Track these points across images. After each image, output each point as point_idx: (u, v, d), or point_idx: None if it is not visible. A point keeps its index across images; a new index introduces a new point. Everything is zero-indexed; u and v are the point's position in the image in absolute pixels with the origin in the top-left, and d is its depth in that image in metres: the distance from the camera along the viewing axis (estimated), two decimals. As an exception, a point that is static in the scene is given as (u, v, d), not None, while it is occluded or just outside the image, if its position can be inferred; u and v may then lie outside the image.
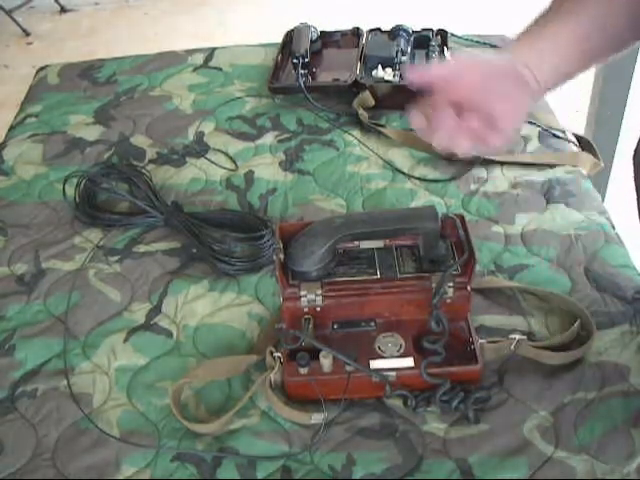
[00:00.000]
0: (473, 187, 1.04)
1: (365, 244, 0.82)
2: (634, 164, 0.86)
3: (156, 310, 0.89)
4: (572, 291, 0.87)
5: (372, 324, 0.80)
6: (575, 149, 1.12)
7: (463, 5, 2.98)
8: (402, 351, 0.77)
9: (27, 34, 3.10)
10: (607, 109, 1.68)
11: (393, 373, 0.75)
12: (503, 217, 0.98)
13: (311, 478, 0.71)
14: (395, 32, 1.26)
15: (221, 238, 0.94)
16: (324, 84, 1.23)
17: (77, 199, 1.03)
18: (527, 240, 0.94)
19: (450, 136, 0.72)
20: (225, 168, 1.11)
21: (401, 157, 1.11)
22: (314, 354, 0.74)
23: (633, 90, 1.59)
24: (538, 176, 1.05)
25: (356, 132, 1.16)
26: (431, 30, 1.30)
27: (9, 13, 3.06)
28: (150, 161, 1.14)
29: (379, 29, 1.31)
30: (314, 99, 1.20)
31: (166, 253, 0.96)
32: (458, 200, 1.02)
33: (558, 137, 1.13)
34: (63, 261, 0.96)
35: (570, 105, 1.82)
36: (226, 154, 1.14)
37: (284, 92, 1.25)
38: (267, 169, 1.10)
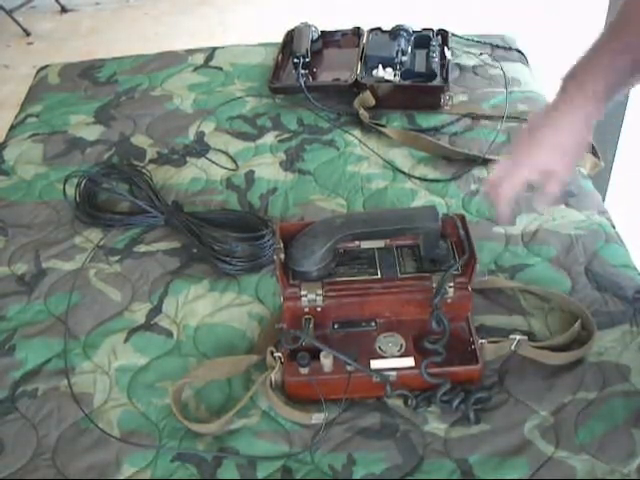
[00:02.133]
0: (473, 187, 1.04)
1: (366, 244, 0.82)
2: None
3: (156, 310, 0.89)
4: (572, 291, 0.87)
5: (373, 324, 0.80)
6: (575, 149, 1.12)
7: (463, 5, 2.98)
8: (402, 351, 0.77)
9: (28, 34, 3.09)
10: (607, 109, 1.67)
11: (394, 373, 0.75)
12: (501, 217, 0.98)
13: (311, 478, 0.71)
14: (396, 32, 1.26)
15: (221, 238, 0.94)
16: (325, 84, 1.24)
17: (77, 199, 1.03)
18: (527, 240, 0.94)
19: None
20: (226, 168, 1.11)
21: (401, 157, 1.11)
22: (315, 354, 0.74)
23: (634, 90, 1.58)
24: (539, 176, 1.05)
25: (357, 132, 1.16)
26: (431, 30, 1.30)
27: (10, 13, 3.06)
28: (150, 161, 1.14)
29: (379, 29, 1.31)
30: (315, 99, 1.20)
31: (166, 253, 0.96)
32: (459, 200, 1.02)
33: (558, 137, 1.13)
34: (63, 261, 0.96)
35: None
36: (227, 154, 1.14)
37: (285, 92, 1.25)
38: (268, 169, 1.10)
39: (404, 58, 1.22)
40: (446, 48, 1.26)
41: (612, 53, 0.75)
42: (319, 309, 0.78)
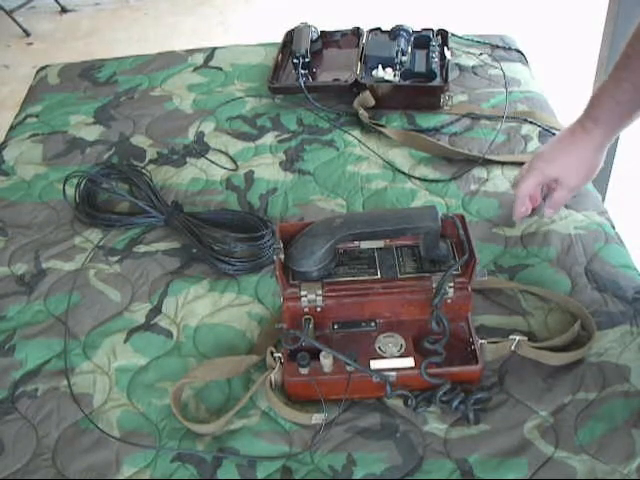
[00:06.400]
0: (473, 187, 1.04)
1: (365, 244, 0.82)
2: None
3: (156, 310, 0.89)
4: (572, 291, 0.87)
5: (372, 324, 0.80)
6: (575, 149, 1.12)
7: (463, 5, 2.98)
8: (402, 351, 0.77)
9: (28, 34, 3.10)
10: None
11: (393, 373, 0.75)
12: (503, 219, 0.98)
13: (311, 478, 0.71)
14: (395, 32, 1.27)
15: (221, 238, 0.94)
16: (324, 84, 1.23)
17: (77, 199, 1.03)
18: (527, 241, 0.94)
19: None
20: (225, 168, 1.11)
21: (401, 157, 1.11)
22: (315, 354, 0.74)
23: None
24: (538, 176, 1.05)
25: (356, 132, 1.16)
26: (431, 30, 1.30)
27: (10, 13, 3.06)
28: (150, 161, 1.14)
29: (379, 29, 1.31)
30: (314, 99, 1.20)
31: (166, 253, 0.96)
32: (458, 200, 1.02)
33: (558, 137, 1.13)
34: (63, 261, 0.96)
35: (570, 105, 1.82)
36: (226, 154, 1.14)
37: (284, 92, 1.25)
38: (267, 169, 1.10)
39: (404, 58, 1.22)
40: (446, 48, 1.26)
41: (616, 93, 0.83)
42: (319, 309, 0.78)
